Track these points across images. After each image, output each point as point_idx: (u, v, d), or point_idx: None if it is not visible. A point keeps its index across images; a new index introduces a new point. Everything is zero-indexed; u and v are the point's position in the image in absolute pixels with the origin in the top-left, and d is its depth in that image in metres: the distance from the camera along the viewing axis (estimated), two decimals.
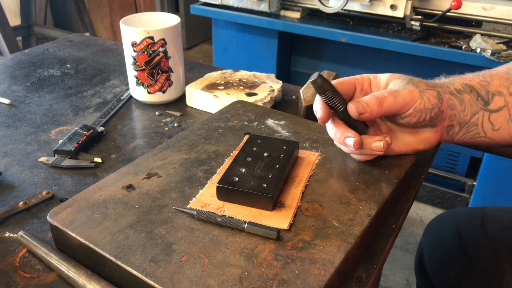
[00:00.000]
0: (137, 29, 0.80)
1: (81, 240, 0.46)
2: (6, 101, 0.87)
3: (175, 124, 0.81)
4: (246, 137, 0.63)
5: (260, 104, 0.80)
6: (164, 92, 0.86)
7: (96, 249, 0.45)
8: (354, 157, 0.59)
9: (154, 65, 0.83)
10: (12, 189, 0.63)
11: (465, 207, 0.95)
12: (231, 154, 0.60)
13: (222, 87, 0.85)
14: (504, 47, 1.33)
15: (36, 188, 0.64)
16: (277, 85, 0.86)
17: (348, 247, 0.45)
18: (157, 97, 0.86)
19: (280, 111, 0.72)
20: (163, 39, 0.81)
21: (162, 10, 3.40)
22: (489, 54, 1.31)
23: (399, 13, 1.44)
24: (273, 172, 0.53)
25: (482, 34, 1.39)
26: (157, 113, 0.85)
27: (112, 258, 0.44)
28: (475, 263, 0.84)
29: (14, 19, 3.04)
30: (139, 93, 0.86)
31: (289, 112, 0.73)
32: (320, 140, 0.64)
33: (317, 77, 0.53)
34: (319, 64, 1.84)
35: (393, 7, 1.43)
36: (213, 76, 0.89)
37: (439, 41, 1.45)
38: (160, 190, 0.53)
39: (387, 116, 0.57)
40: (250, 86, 0.85)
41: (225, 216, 0.49)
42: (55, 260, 0.49)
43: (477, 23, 1.46)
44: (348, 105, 0.54)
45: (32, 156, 0.71)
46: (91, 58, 1.09)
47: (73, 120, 0.82)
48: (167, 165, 0.58)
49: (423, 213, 1.89)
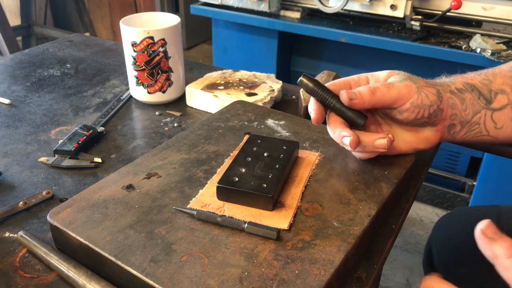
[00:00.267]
0: (137, 29, 0.80)
1: (81, 240, 0.46)
2: (6, 101, 0.87)
3: (175, 124, 0.81)
4: (246, 137, 0.63)
5: (260, 104, 0.80)
6: (164, 92, 0.86)
7: (96, 249, 0.45)
8: (356, 155, 0.59)
9: (154, 65, 0.83)
10: (12, 189, 0.63)
11: (478, 205, 0.95)
12: (231, 154, 0.60)
13: (222, 87, 0.85)
14: (504, 47, 1.33)
15: (36, 188, 0.64)
16: (277, 85, 0.86)
17: (348, 247, 0.45)
18: (157, 97, 0.86)
19: (280, 111, 0.72)
20: (163, 39, 0.81)
21: (162, 10, 3.40)
22: (489, 54, 1.31)
23: (399, 13, 1.44)
24: (273, 172, 0.53)
25: (482, 34, 1.39)
26: (157, 113, 0.85)
27: (112, 258, 0.44)
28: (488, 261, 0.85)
29: (14, 19, 3.04)
30: (139, 93, 0.86)
31: (289, 112, 0.73)
32: (320, 140, 0.64)
33: (301, 77, 0.55)
34: (319, 64, 1.84)
35: (393, 7, 1.43)
36: (213, 76, 0.89)
37: (439, 41, 1.45)
38: (160, 190, 0.53)
39: (386, 113, 0.57)
40: (250, 86, 0.85)
41: (225, 216, 0.49)
42: (55, 260, 0.49)
43: (477, 23, 1.46)
44: (340, 93, 0.55)
45: (32, 156, 0.71)
46: (91, 58, 1.09)
47: (73, 120, 0.82)
48: (167, 165, 0.58)
49: (423, 213, 1.89)
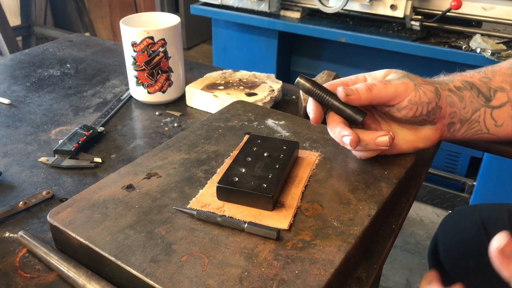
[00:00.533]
0: (137, 29, 0.80)
1: (81, 240, 0.46)
2: (6, 101, 0.87)
3: (175, 124, 0.81)
4: (246, 137, 0.63)
5: (260, 104, 0.80)
6: (164, 92, 0.86)
7: (96, 249, 0.45)
8: (357, 155, 0.59)
9: (154, 65, 0.83)
10: (12, 189, 0.63)
11: (489, 203, 0.96)
12: (231, 154, 0.60)
13: (222, 87, 0.85)
14: (504, 47, 1.33)
15: (36, 188, 0.64)
16: (277, 85, 0.86)
17: (348, 247, 0.45)
18: (157, 97, 0.86)
19: (280, 111, 0.72)
20: (163, 39, 0.81)
21: (162, 10, 3.40)
22: (489, 54, 1.31)
23: (399, 13, 1.44)
24: (273, 172, 0.53)
25: (482, 34, 1.39)
26: (157, 113, 0.85)
27: (112, 258, 0.44)
28: None
29: (14, 19, 3.04)
30: (139, 93, 0.86)
31: (289, 112, 0.73)
32: (320, 140, 0.64)
33: (298, 78, 0.56)
34: (319, 64, 1.84)
35: (393, 7, 1.43)
36: (213, 76, 0.89)
37: (439, 41, 1.45)
38: (160, 190, 0.53)
39: (385, 111, 0.57)
40: (250, 86, 0.85)
41: (225, 216, 0.49)
42: (55, 260, 0.49)
43: (477, 23, 1.46)
44: (337, 90, 0.55)
45: (32, 156, 0.71)
46: (91, 58, 1.09)
47: (73, 120, 0.82)
48: (167, 165, 0.58)
49: (423, 213, 1.89)
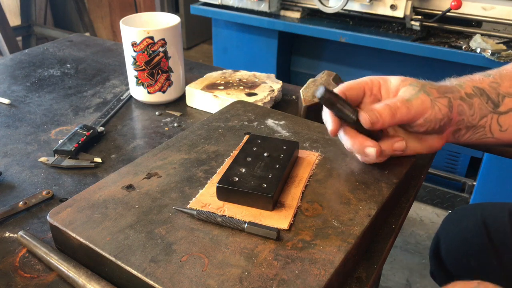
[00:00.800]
0: (137, 29, 0.80)
1: (81, 240, 0.46)
2: (6, 101, 0.87)
3: (175, 124, 0.81)
4: (246, 137, 0.63)
5: (260, 104, 0.80)
6: (164, 92, 0.86)
7: (96, 249, 0.45)
8: (362, 159, 0.58)
9: (154, 65, 0.83)
10: (12, 189, 0.63)
11: (491, 202, 0.96)
12: (231, 154, 0.60)
13: (222, 87, 0.85)
14: (504, 47, 1.33)
15: (36, 188, 0.64)
16: (277, 85, 0.86)
17: (348, 247, 0.45)
18: (157, 97, 0.86)
19: (280, 111, 0.72)
20: (163, 39, 0.81)
21: (162, 10, 3.40)
22: (489, 54, 1.31)
23: (399, 13, 1.44)
24: (273, 172, 0.53)
25: (482, 34, 1.39)
26: (157, 113, 0.85)
27: (112, 258, 0.44)
28: (502, 255, 0.86)
29: (14, 19, 3.04)
30: (139, 93, 0.86)
31: (289, 112, 0.73)
32: (320, 140, 0.64)
33: (324, 93, 0.51)
34: (319, 64, 1.84)
35: (393, 7, 1.43)
36: (213, 76, 0.89)
37: (439, 41, 1.45)
38: (160, 190, 0.53)
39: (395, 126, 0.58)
40: (250, 86, 0.85)
41: (225, 216, 0.49)
42: (55, 260, 0.49)
43: (477, 23, 1.46)
44: (361, 115, 0.53)
45: (32, 156, 0.71)
46: (91, 58, 1.09)
47: (73, 120, 0.82)
48: (167, 165, 0.58)
49: (423, 213, 1.89)
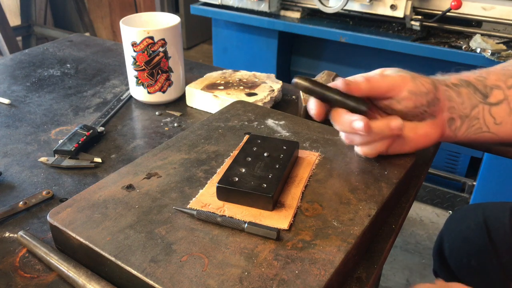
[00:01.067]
0: (137, 29, 0.80)
1: (81, 240, 0.46)
2: (6, 101, 0.87)
3: (175, 124, 0.81)
4: (246, 137, 0.63)
5: (260, 104, 0.80)
6: (164, 92, 0.86)
7: (96, 249, 0.45)
8: (363, 151, 0.57)
9: (154, 65, 0.83)
10: (12, 189, 0.63)
11: (493, 202, 0.97)
12: (231, 154, 0.60)
13: (222, 87, 0.85)
14: (504, 47, 1.33)
15: (36, 188, 0.64)
16: (277, 85, 0.86)
17: (348, 247, 0.45)
18: (157, 97, 0.86)
19: (280, 111, 0.72)
20: (163, 39, 0.81)
21: (162, 10, 3.40)
22: (489, 54, 1.31)
23: (399, 13, 1.44)
24: (273, 172, 0.53)
25: (482, 34, 1.39)
26: (157, 113, 0.85)
27: (112, 258, 0.44)
28: (502, 255, 0.86)
29: (14, 19, 3.04)
30: (139, 93, 0.86)
31: (289, 112, 0.73)
32: (320, 140, 0.64)
33: (296, 79, 0.55)
34: (319, 64, 1.84)
35: (393, 7, 1.43)
36: (213, 76, 0.89)
37: (439, 41, 1.45)
38: (160, 190, 0.53)
39: (386, 105, 0.57)
40: (250, 86, 0.85)
41: (225, 216, 0.49)
42: (55, 260, 0.49)
43: (477, 23, 1.46)
44: (336, 81, 0.55)
45: (32, 156, 0.71)
46: (91, 58, 1.09)
47: (73, 120, 0.82)
48: (167, 165, 0.58)
49: (423, 213, 1.89)
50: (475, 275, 0.91)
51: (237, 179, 0.52)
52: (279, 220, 0.48)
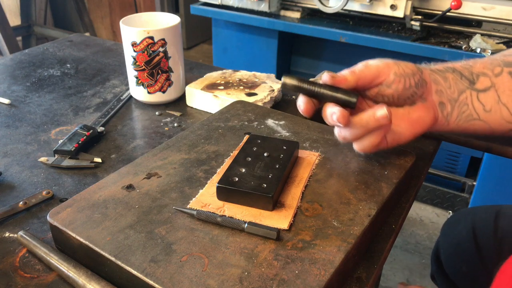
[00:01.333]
0: (137, 29, 0.80)
1: (81, 240, 0.46)
2: (6, 101, 0.87)
3: (175, 124, 0.81)
4: (246, 137, 0.63)
5: (260, 104, 0.80)
6: (164, 92, 0.86)
7: (96, 249, 0.45)
8: (359, 146, 0.56)
9: (154, 65, 0.83)
10: (12, 189, 0.63)
11: (484, 205, 0.97)
12: (231, 154, 0.60)
13: (222, 87, 0.85)
14: (504, 47, 1.33)
15: (36, 188, 0.64)
16: (277, 85, 0.86)
17: (348, 247, 0.45)
18: (157, 97, 0.86)
19: (280, 111, 0.72)
20: (163, 39, 0.81)
21: (162, 10, 3.40)
22: (489, 54, 1.31)
23: (399, 13, 1.44)
24: (273, 172, 0.53)
25: (482, 34, 1.39)
26: (157, 113, 0.85)
27: (112, 258, 0.44)
28: (485, 259, 0.86)
29: (14, 19, 3.04)
30: (139, 93, 0.86)
31: (289, 112, 0.73)
32: (320, 140, 0.64)
33: (283, 79, 0.56)
34: (319, 64, 1.84)
35: (393, 7, 1.43)
36: (213, 76, 0.89)
37: (439, 41, 1.45)
38: (160, 190, 0.53)
39: (374, 94, 0.56)
40: (250, 86, 0.85)
41: (225, 216, 0.49)
42: (55, 260, 0.49)
43: (477, 23, 1.46)
44: (322, 76, 0.55)
45: (32, 156, 0.71)
46: (91, 58, 1.09)
47: (73, 120, 0.82)
48: (167, 165, 0.58)
49: (423, 213, 1.89)
50: (467, 281, 0.91)
51: (237, 179, 0.52)
52: (279, 220, 0.48)
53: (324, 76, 0.55)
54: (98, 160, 0.69)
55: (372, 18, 1.57)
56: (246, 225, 0.47)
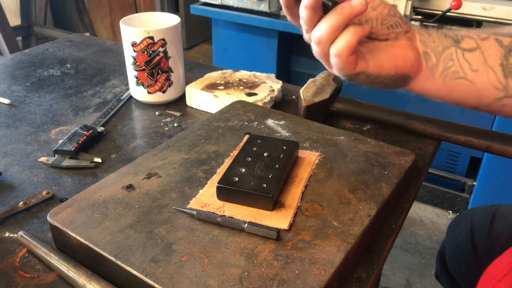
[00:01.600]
0: (137, 29, 0.80)
1: (81, 240, 0.46)
2: (6, 101, 0.87)
3: (175, 124, 0.81)
4: (246, 137, 0.63)
5: (260, 104, 0.80)
6: (164, 92, 0.86)
7: (96, 249, 0.45)
8: (334, 54, 0.52)
9: (154, 65, 0.83)
10: (12, 189, 0.63)
11: (481, 206, 0.97)
12: (231, 154, 0.60)
13: (222, 87, 0.85)
14: None
15: (36, 188, 0.64)
16: (277, 85, 0.86)
17: (348, 247, 0.45)
18: (157, 97, 0.86)
19: (280, 111, 0.72)
20: (163, 39, 0.81)
21: (162, 10, 3.40)
22: None
23: None
24: (273, 172, 0.53)
25: None
26: (157, 113, 0.85)
27: (112, 258, 0.44)
28: (480, 259, 0.86)
29: (14, 19, 3.04)
30: (139, 93, 0.86)
31: (289, 112, 0.73)
32: (320, 140, 0.64)
33: None
34: (319, 64, 1.83)
35: None
36: (213, 76, 0.89)
37: None
38: (160, 190, 0.53)
39: (359, 19, 0.53)
40: (250, 86, 0.85)
41: (225, 216, 0.49)
42: (55, 260, 0.49)
43: (477, 23, 1.45)
44: None
45: (32, 156, 0.71)
46: (91, 58, 1.09)
47: (73, 120, 0.82)
48: (167, 165, 0.58)
49: (423, 213, 1.89)
50: (466, 282, 0.92)
51: (237, 179, 0.52)
52: (279, 220, 0.48)
53: None
54: (98, 160, 0.69)
55: None
56: (246, 225, 0.47)
